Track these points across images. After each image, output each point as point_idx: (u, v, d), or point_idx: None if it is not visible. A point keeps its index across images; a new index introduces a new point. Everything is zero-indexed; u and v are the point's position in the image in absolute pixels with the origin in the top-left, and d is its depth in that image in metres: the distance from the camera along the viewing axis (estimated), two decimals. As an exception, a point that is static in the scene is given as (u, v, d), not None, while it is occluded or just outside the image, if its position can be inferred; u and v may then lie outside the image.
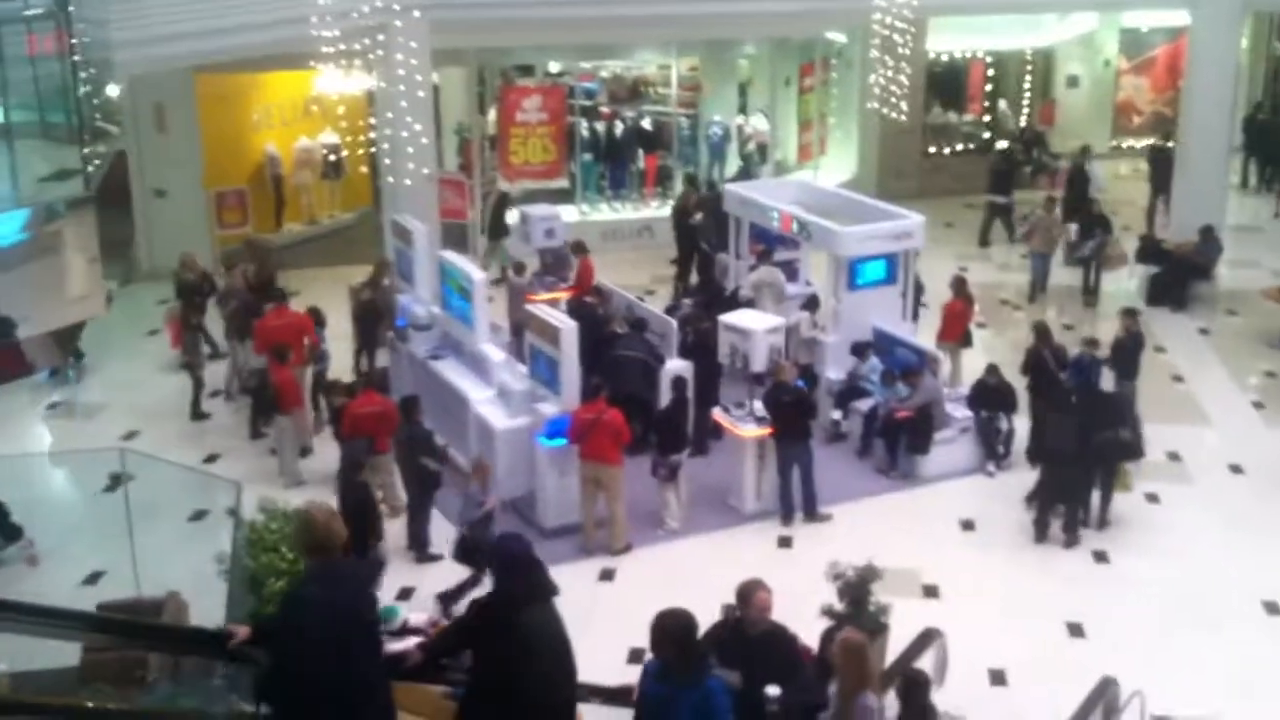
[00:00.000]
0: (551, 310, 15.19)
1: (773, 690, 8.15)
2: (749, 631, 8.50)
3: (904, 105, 21.75)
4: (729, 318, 15.35)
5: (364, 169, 23.51)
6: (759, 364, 14.90)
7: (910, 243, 17.26)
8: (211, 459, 16.53)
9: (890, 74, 21.43)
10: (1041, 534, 14.61)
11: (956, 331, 18.07)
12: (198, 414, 17.51)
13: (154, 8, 17.50)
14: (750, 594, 8.59)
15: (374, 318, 17.90)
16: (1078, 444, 14.41)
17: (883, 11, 20.85)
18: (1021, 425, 16.17)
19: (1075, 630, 12.97)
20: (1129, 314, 17.34)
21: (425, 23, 20.48)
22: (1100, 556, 14.34)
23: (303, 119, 24.71)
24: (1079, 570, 14.13)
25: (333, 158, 24.78)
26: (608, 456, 14.04)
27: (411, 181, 20.98)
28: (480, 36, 22.09)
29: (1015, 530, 14.89)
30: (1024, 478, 15.70)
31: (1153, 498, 15.49)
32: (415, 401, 14.38)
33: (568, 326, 14.33)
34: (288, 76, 23.63)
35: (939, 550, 14.48)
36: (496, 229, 22.14)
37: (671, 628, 7.15)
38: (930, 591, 13.65)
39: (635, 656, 10.85)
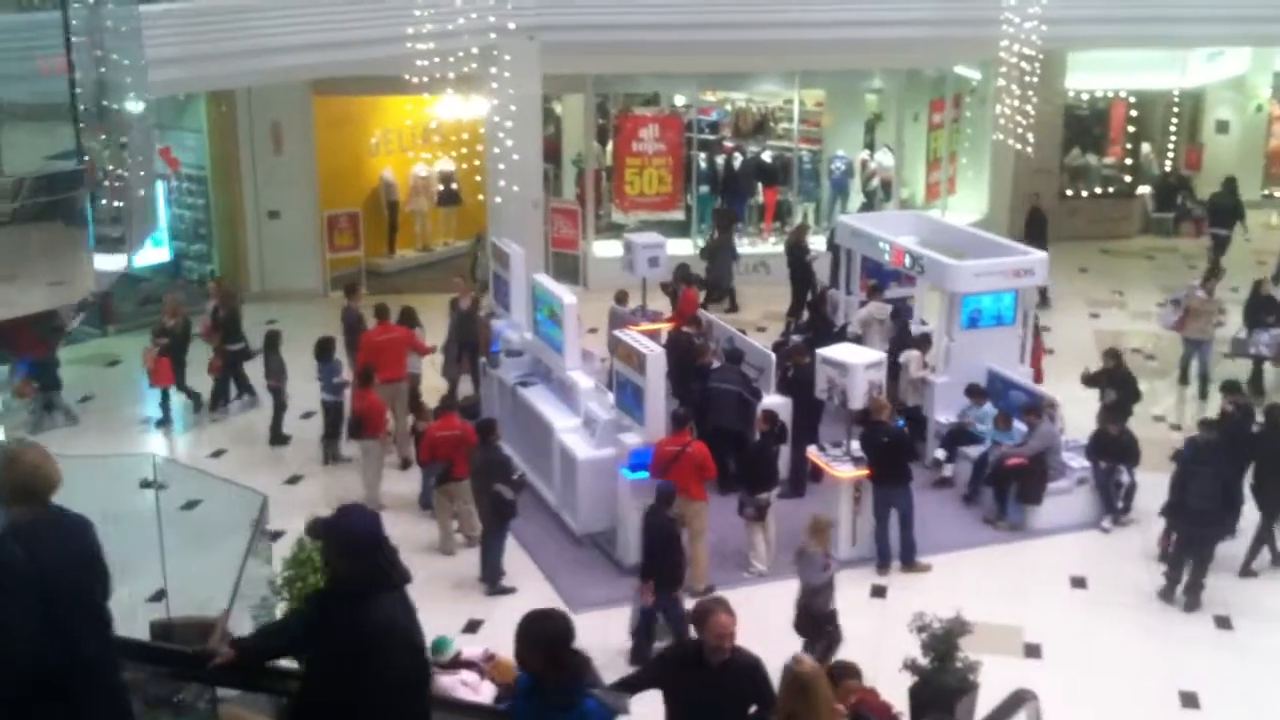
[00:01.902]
0: (640, 337, 14.53)
1: None
2: (709, 660, 7.06)
3: (1030, 137, 20.69)
4: (827, 351, 14.55)
5: (481, 197, 23.10)
6: (857, 400, 14.07)
7: (1030, 280, 16.28)
8: (294, 480, 16.22)
9: (1017, 104, 20.40)
10: (1170, 591, 13.57)
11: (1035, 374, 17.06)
12: (279, 438, 17.21)
13: (258, 21, 17.46)
14: (705, 617, 7.17)
15: (472, 328, 17.53)
16: (1221, 502, 13.39)
17: (1010, 39, 19.90)
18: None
19: (1189, 700, 11.91)
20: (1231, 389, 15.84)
21: (535, 46, 20.11)
22: (1223, 622, 13.22)
23: (421, 145, 24.48)
24: (1199, 636, 13.04)
25: (450, 185, 24.47)
26: (691, 491, 13.32)
27: (514, 205, 20.58)
28: (594, 62, 21.67)
29: (1130, 590, 13.83)
30: (1145, 534, 14.75)
31: (1285, 562, 14.31)
32: (492, 425, 13.86)
33: (654, 353, 13.68)
34: (406, 101, 23.44)
35: (1045, 607, 13.49)
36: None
37: (539, 633, 5.82)
38: (1032, 651, 12.68)
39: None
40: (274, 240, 22.57)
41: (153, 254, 22.23)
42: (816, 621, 11.72)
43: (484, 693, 10.55)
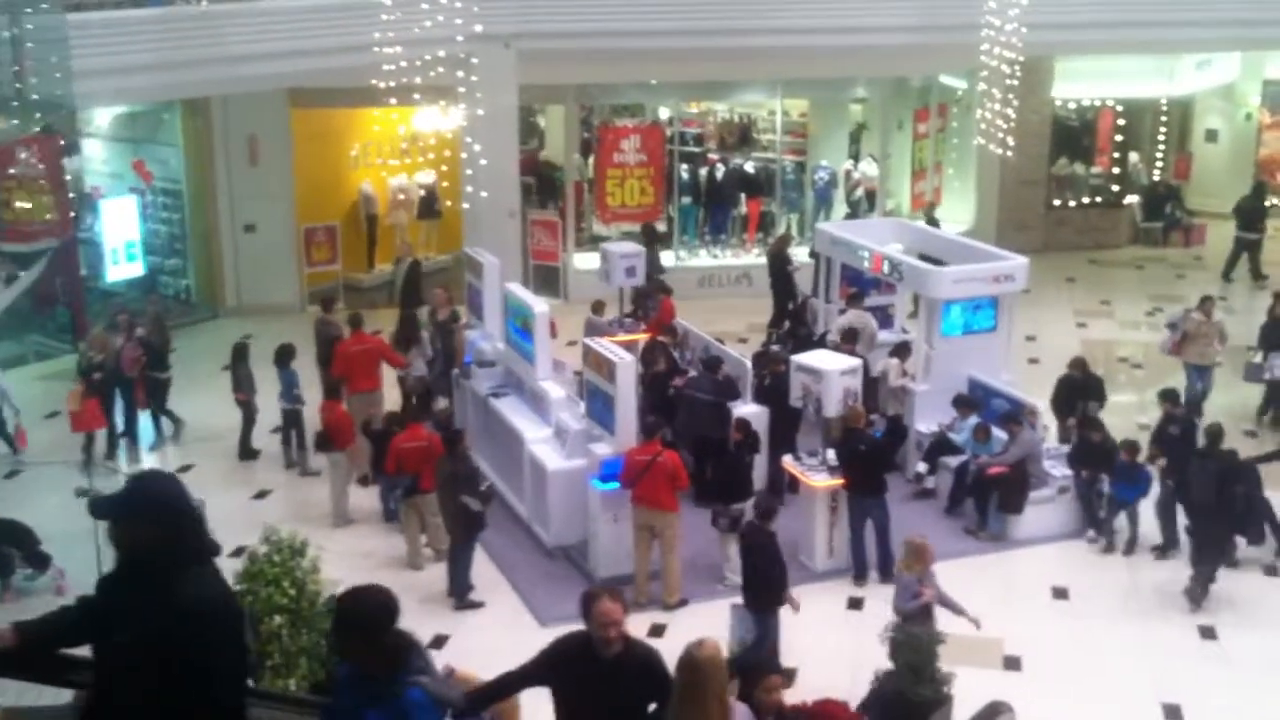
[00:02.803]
0: (611, 345, 14.24)
1: None
2: (600, 653, 6.20)
3: (1010, 141, 20.40)
4: (801, 357, 14.29)
5: (449, 203, 22.83)
6: (832, 407, 13.78)
7: (1010, 286, 15.98)
8: (261, 495, 15.93)
9: (998, 107, 20.12)
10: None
11: None
12: (248, 452, 16.88)
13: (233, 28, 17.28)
14: (590, 604, 6.29)
15: (449, 340, 17.21)
16: (1218, 495, 13.25)
17: (991, 42, 19.63)
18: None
19: (1172, 713, 11.60)
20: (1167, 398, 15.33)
21: (512, 54, 19.88)
22: (1207, 632, 12.92)
23: (400, 157, 24.22)
24: (1183, 646, 12.73)
25: (430, 198, 24.18)
26: (662, 501, 13.02)
27: (490, 215, 20.39)
28: (573, 71, 21.42)
29: (1114, 600, 13.55)
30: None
31: (1272, 570, 14.00)
32: (459, 436, 13.56)
33: (624, 360, 13.38)
34: (386, 114, 23.17)
35: (1026, 619, 13.17)
36: (409, 298, 20.10)
37: (354, 612, 5.09)
38: (1011, 663, 12.37)
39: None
40: (250, 254, 22.26)
41: (127, 268, 22.01)
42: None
43: (443, 709, 10.24)
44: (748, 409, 14.91)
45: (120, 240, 21.76)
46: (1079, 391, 16.05)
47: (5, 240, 19.45)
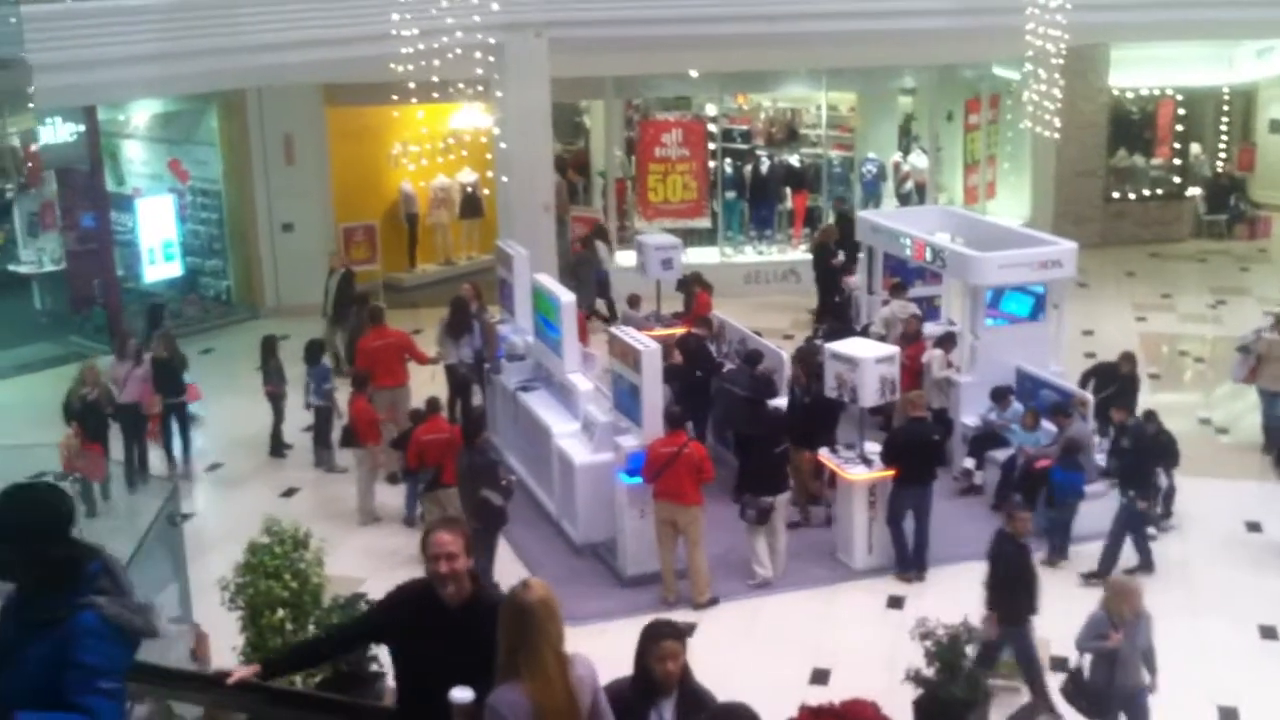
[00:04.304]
0: (636, 333, 13.76)
1: (460, 694, 4.97)
2: (445, 600, 5.31)
3: (1057, 122, 19.65)
4: (836, 346, 13.72)
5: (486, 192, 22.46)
6: (868, 397, 13.21)
7: (1059, 272, 15.33)
8: (289, 493, 15.58)
9: (1044, 88, 19.38)
10: None
11: None
12: (279, 447, 16.57)
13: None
14: (424, 538, 5.48)
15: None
16: None
17: (1038, 22, 18.91)
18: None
19: (1229, 716, 11.01)
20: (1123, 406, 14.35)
21: (543, 44, 19.47)
22: (1268, 632, 12.23)
23: (441, 156, 23.87)
24: (1240, 645, 12.08)
25: (472, 195, 23.83)
26: (685, 495, 12.49)
27: (524, 209, 20.04)
28: (609, 62, 20.92)
29: (1168, 597, 12.78)
30: (1185, 540, 13.78)
31: (1338, 567, 13.28)
32: (478, 427, 13.13)
33: (649, 349, 12.88)
34: (423, 111, 22.82)
35: (1074, 618, 12.36)
36: (341, 310, 18.99)
37: (8, 515, 4.13)
38: (1058, 664, 11.67)
39: None
40: (289, 254, 21.95)
41: (165, 268, 21.83)
42: (1085, 695, 10.30)
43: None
44: (778, 401, 14.40)
45: (158, 240, 21.58)
46: (1104, 380, 15.42)
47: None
